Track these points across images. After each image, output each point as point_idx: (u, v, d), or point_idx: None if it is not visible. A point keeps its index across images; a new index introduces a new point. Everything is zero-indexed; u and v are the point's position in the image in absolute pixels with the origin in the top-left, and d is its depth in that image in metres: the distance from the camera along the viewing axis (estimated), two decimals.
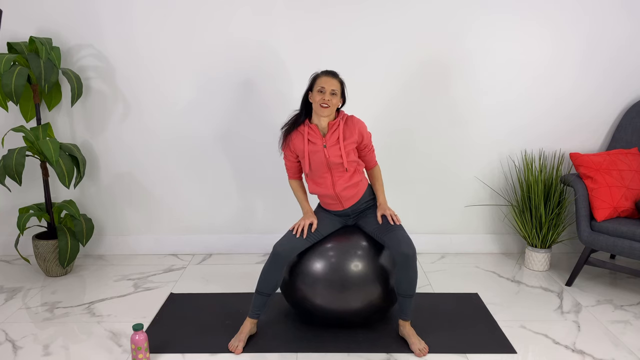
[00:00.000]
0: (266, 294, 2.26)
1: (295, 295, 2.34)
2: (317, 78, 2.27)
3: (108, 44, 3.09)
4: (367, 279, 2.25)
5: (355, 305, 2.27)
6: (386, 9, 3.04)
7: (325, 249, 2.30)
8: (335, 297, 2.25)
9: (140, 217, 3.37)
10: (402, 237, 2.22)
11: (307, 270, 2.28)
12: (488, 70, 3.15)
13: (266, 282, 2.24)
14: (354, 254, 2.27)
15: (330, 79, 2.24)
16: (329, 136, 2.29)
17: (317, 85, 2.24)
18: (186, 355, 2.22)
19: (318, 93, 2.23)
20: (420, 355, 2.20)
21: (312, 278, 2.27)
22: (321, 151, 2.28)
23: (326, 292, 2.25)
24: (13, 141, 3.22)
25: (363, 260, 2.27)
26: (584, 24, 3.09)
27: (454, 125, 3.23)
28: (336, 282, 2.24)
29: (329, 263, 2.26)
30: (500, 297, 2.78)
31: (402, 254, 2.17)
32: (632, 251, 2.62)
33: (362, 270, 2.25)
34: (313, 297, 2.28)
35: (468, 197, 3.36)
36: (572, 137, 3.26)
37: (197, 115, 3.19)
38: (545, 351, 2.25)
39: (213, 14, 3.05)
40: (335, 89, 2.23)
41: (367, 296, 2.27)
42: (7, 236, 3.38)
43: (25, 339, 2.35)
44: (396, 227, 2.27)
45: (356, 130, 2.30)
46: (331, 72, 2.29)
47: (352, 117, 2.34)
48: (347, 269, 2.24)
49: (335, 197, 2.35)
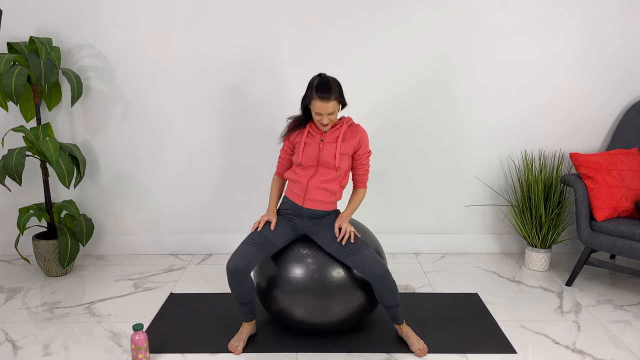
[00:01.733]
0: (247, 302, 2.22)
1: (273, 306, 2.26)
2: (312, 99, 2.15)
3: (108, 44, 3.09)
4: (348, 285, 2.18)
5: (337, 312, 2.19)
6: (385, 9, 3.04)
7: (303, 256, 2.22)
8: (317, 304, 2.17)
9: (140, 217, 3.37)
10: (368, 257, 2.12)
11: (286, 278, 2.19)
12: (488, 70, 3.15)
13: (238, 295, 2.19)
14: (334, 261, 2.20)
15: (325, 104, 2.12)
16: (329, 133, 2.28)
17: (313, 108, 2.16)
18: (186, 355, 2.22)
19: (316, 114, 2.18)
20: (420, 355, 2.20)
21: (293, 286, 2.17)
22: (317, 144, 2.25)
23: (307, 300, 2.17)
24: (13, 141, 3.22)
25: (343, 266, 2.20)
26: (584, 23, 3.09)
27: (454, 125, 3.23)
28: (317, 289, 2.15)
29: (309, 270, 2.18)
30: (500, 297, 2.78)
31: (374, 275, 2.10)
32: (632, 251, 2.62)
33: (344, 276, 2.18)
34: (293, 307, 2.20)
35: (468, 197, 3.36)
36: (572, 137, 3.26)
37: (197, 115, 3.20)
38: (545, 351, 2.25)
39: (213, 14, 3.05)
40: (332, 111, 2.15)
41: (350, 303, 2.20)
42: (7, 236, 3.38)
43: (25, 339, 2.35)
44: (359, 246, 2.16)
45: (357, 137, 2.27)
46: (326, 91, 2.12)
47: (357, 126, 2.30)
48: (329, 276, 2.17)
49: (303, 189, 2.26)
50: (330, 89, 2.13)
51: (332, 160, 2.24)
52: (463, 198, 3.37)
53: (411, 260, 3.29)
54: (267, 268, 2.29)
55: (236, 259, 2.13)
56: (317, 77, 2.19)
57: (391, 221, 3.39)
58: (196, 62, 3.12)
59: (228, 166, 3.28)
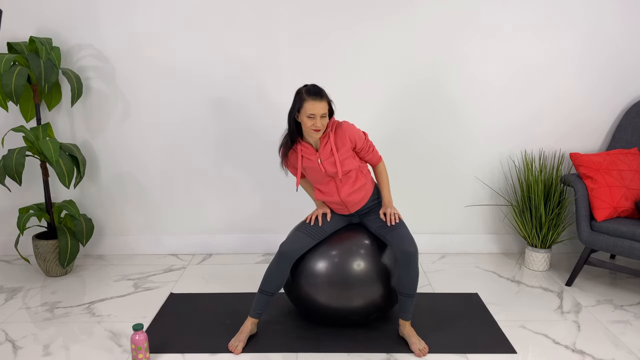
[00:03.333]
0: (269, 294, 2.26)
1: (297, 293, 2.35)
2: (303, 102, 2.15)
3: (108, 44, 3.09)
4: (369, 278, 2.26)
5: (357, 303, 2.28)
6: (385, 9, 3.04)
7: (328, 248, 2.31)
8: (337, 295, 2.26)
9: (140, 217, 3.37)
10: (405, 235, 2.23)
11: (310, 268, 2.29)
12: (488, 70, 3.15)
13: (270, 281, 2.25)
14: (356, 253, 2.28)
15: (318, 103, 2.13)
16: (322, 150, 2.26)
17: (305, 111, 2.14)
18: (186, 355, 2.22)
19: (308, 119, 2.16)
20: (420, 355, 2.20)
21: (315, 276, 2.27)
22: (317, 166, 2.28)
23: (328, 290, 2.26)
24: (13, 141, 3.22)
25: (365, 258, 2.28)
26: (584, 22, 3.09)
27: (454, 125, 3.23)
28: (338, 280, 2.25)
29: (332, 262, 2.27)
30: (500, 297, 2.78)
31: (404, 252, 2.18)
32: (632, 251, 2.62)
33: (364, 268, 2.26)
34: (315, 295, 2.28)
35: (468, 197, 3.36)
36: (572, 137, 3.26)
37: (197, 115, 3.19)
38: (545, 351, 2.25)
39: (213, 14, 3.05)
40: (325, 112, 2.16)
41: (369, 295, 2.27)
42: (7, 236, 3.38)
43: (25, 339, 2.35)
44: (399, 225, 2.27)
45: (346, 138, 2.26)
46: (317, 92, 2.16)
47: (340, 125, 2.28)
48: (350, 268, 2.25)
49: (341, 203, 2.35)
50: (320, 90, 2.18)
51: (340, 171, 2.27)
52: (463, 198, 3.37)
53: None
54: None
55: (290, 244, 2.25)
56: (301, 87, 2.22)
57: None
58: (196, 62, 3.11)
59: (228, 166, 3.28)
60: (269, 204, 3.35)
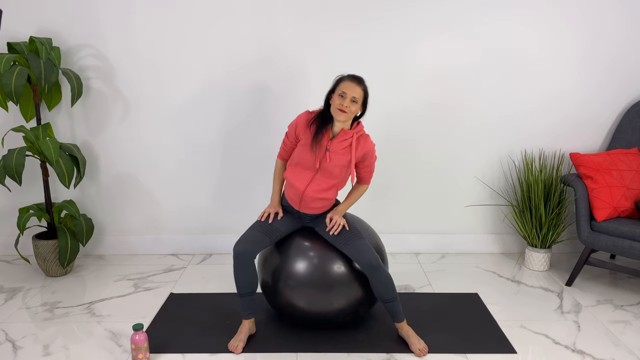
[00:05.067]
0: (248, 294, 2.24)
1: (278, 299, 2.31)
2: (341, 81, 2.17)
3: (108, 44, 3.09)
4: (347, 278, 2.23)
5: (339, 304, 2.24)
6: (383, 11, 3.04)
7: (305, 249, 2.27)
8: (318, 297, 2.22)
9: (140, 217, 3.37)
10: (362, 247, 2.17)
11: (289, 272, 2.25)
12: (488, 70, 3.15)
13: (241, 284, 2.22)
14: (336, 254, 2.25)
15: (355, 86, 2.13)
16: (336, 143, 2.21)
17: (339, 89, 2.14)
18: (186, 355, 2.22)
19: (338, 97, 2.13)
20: (420, 355, 2.20)
21: (295, 280, 2.23)
22: (322, 151, 2.22)
23: (309, 292, 2.22)
24: (13, 141, 3.22)
25: (344, 260, 2.25)
26: (584, 23, 3.09)
27: (454, 125, 3.23)
28: (318, 281, 2.21)
29: (312, 264, 2.23)
30: (500, 297, 2.78)
31: (367, 266, 2.15)
32: (632, 251, 2.62)
33: (344, 270, 2.23)
34: (296, 300, 2.25)
35: (468, 197, 3.36)
36: (572, 137, 3.26)
37: (197, 115, 3.19)
38: (545, 351, 2.25)
39: (214, 15, 3.05)
40: (357, 97, 2.13)
41: (351, 295, 2.25)
42: (7, 236, 3.38)
43: (25, 339, 2.35)
44: (353, 235, 2.21)
45: (361, 149, 2.24)
46: (357, 77, 2.17)
47: (366, 138, 2.25)
48: (330, 269, 2.22)
49: (299, 197, 2.28)
50: (360, 77, 2.19)
51: (336, 170, 2.23)
52: (463, 198, 3.37)
53: (411, 260, 3.29)
54: (271, 261, 2.34)
55: (242, 243, 2.20)
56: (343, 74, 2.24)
57: (391, 221, 3.39)
58: (196, 62, 3.11)
59: (228, 166, 3.28)
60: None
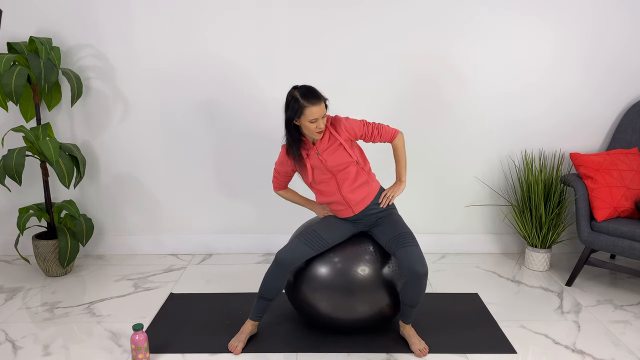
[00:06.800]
0: (268, 299, 2.25)
1: (299, 299, 2.30)
2: (304, 108, 2.08)
3: (108, 44, 3.09)
4: (373, 286, 2.20)
5: (362, 312, 2.22)
6: (384, 8, 3.04)
7: (331, 254, 2.25)
8: (340, 303, 2.20)
9: (140, 217, 3.37)
10: (416, 254, 2.14)
11: (312, 274, 2.24)
12: (488, 70, 3.15)
13: (268, 288, 2.22)
14: (361, 259, 2.23)
15: (318, 107, 2.09)
16: (319, 142, 2.21)
17: (307, 117, 2.09)
18: (186, 355, 2.22)
19: (311, 123, 2.10)
20: (420, 356, 2.21)
21: (317, 282, 2.22)
22: (316, 158, 2.21)
23: (331, 297, 2.20)
24: (13, 141, 3.22)
25: (370, 265, 2.22)
26: (586, 24, 3.09)
27: (454, 125, 3.23)
28: (342, 287, 2.19)
29: (335, 268, 2.21)
30: (500, 297, 2.78)
31: (415, 273, 2.11)
32: (632, 251, 2.62)
33: (368, 275, 2.20)
34: (317, 302, 2.23)
35: (468, 197, 3.36)
36: (572, 137, 3.26)
37: (197, 116, 3.19)
38: (545, 351, 2.25)
39: (214, 15, 3.05)
40: (325, 112, 2.12)
41: (374, 303, 2.22)
42: (7, 236, 3.38)
43: (25, 339, 2.35)
44: (409, 241, 2.19)
45: (343, 129, 2.21)
46: (314, 95, 2.10)
47: (335, 118, 2.24)
48: (354, 275, 2.19)
49: (343, 202, 2.27)
50: (315, 91, 2.11)
51: (343, 160, 2.20)
52: (463, 198, 3.37)
53: None
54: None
55: (289, 253, 2.20)
56: (294, 90, 2.13)
57: None
58: (196, 62, 3.11)
59: (228, 166, 3.28)
60: (269, 204, 3.35)
